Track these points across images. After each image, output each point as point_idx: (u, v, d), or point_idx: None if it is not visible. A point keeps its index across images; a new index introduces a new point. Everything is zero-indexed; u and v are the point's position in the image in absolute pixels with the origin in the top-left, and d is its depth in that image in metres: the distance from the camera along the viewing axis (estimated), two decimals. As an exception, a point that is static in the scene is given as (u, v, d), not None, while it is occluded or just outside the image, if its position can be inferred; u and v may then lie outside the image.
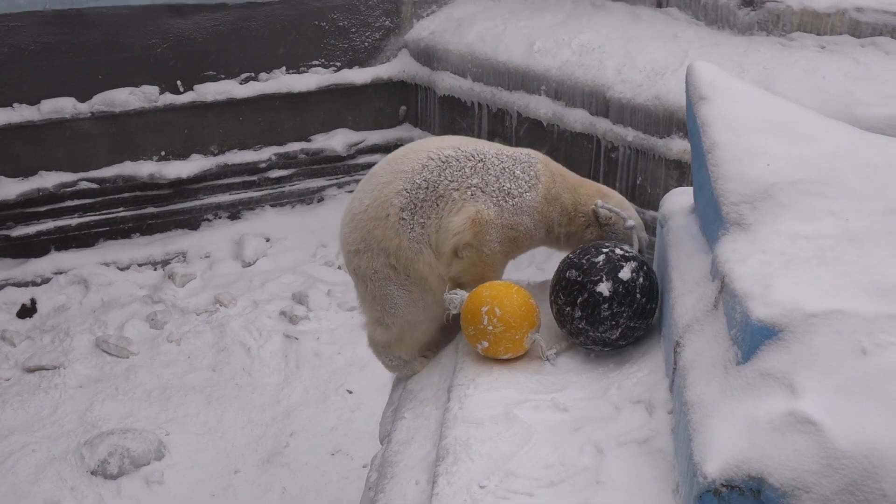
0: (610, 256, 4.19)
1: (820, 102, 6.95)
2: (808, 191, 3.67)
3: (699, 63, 4.31)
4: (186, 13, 9.20)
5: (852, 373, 2.98)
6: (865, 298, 3.14)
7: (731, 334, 3.36)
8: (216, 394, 7.43)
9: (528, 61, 9.06)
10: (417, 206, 4.51)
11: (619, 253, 4.21)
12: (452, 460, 3.78)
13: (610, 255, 4.20)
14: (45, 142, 8.93)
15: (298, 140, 10.12)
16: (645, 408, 3.90)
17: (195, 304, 8.59)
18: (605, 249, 4.24)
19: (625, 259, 4.19)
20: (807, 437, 2.88)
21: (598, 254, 4.21)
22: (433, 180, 4.52)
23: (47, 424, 7.03)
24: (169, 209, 9.64)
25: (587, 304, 4.18)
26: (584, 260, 4.21)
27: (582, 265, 4.21)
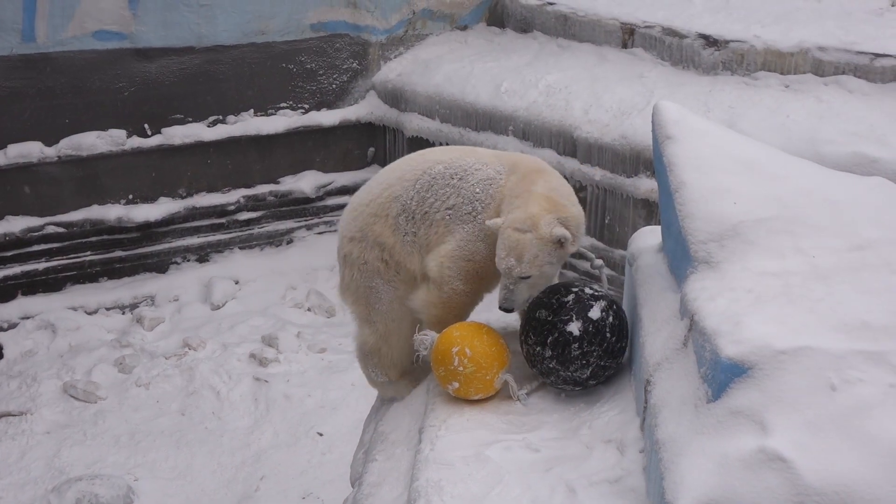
0: (580, 296, 4.19)
1: (784, 140, 7.01)
2: (774, 228, 3.69)
3: (665, 103, 4.34)
4: (153, 56, 9.19)
5: (822, 409, 3.00)
6: (833, 335, 3.16)
7: (700, 372, 3.37)
8: (185, 438, 7.37)
9: (496, 102, 9.10)
10: (409, 216, 4.55)
11: (589, 292, 4.21)
12: (424, 502, 3.76)
13: (580, 294, 4.19)
14: (12, 186, 8.88)
15: (267, 182, 10.11)
16: (616, 447, 3.89)
17: (164, 347, 8.54)
18: (575, 289, 4.23)
19: (594, 298, 4.18)
20: (777, 474, 2.89)
21: (568, 293, 4.20)
22: (421, 197, 4.53)
23: (14, 471, 6.96)
24: (137, 252, 9.59)
25: (557, 343, 4.17)
26: (554, 300, 4.21)
27: (552, 304, 4.20)
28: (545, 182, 4.34)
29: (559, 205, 4.26)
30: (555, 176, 4.45)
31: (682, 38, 8.63)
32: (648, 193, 7.86)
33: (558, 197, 4.30)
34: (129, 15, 9.00)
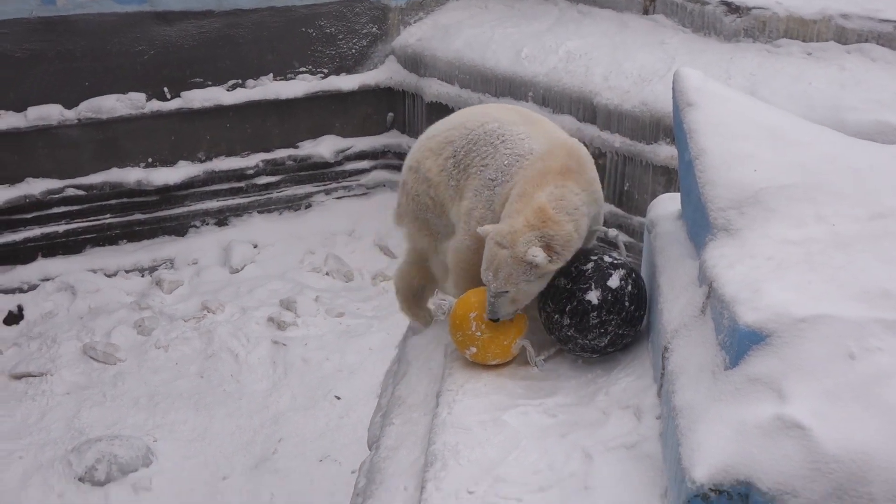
0: (599, 264, 4.18)
1: (806, 108, 6.96)
2: (795, 196, 3.67)
3: (686, 69, 4.32)
4: (173, 20, 9.17)
5: (840, 377, 2.99)
6: (853, 303, 3.15)
7: (718, 339, 3.37)
8: (204, 400, 7.41)
9: (516, 68, 9.06)
10: (456, 163, 4.55)
11: (608, 260, 4.20)
12: (441, 466, 3.77)
13: (599, 262, 4.19)
14: (32, 149, 8.90)
15: (286, 147, 10.10)
16: (633, 413, 3.90)
17: (183, 310, 8.57)
18: (594, 257, 4.22)
19: (613, 266, 4.18)
20: (795, 441, 2.88)
21: (587, 261, 4.19)
22: (469, 149, 4.52)
23: (34, 431, 7.01)
24: (156, 216, 9.61)
25: (576, 311, 4.17)
26: (573, 267, 4.20)
27: (570, 272, 4.19)
28: (553, 189, 4.16)
29: (550, 221, 4.09)
30: (574, 180, 4.25)
31: (703, 5, 8.56)
32: (668, 160, 7.83)
33: (554, 211, 4.12)
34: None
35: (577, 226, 4.17)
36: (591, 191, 4.29)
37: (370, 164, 10.51)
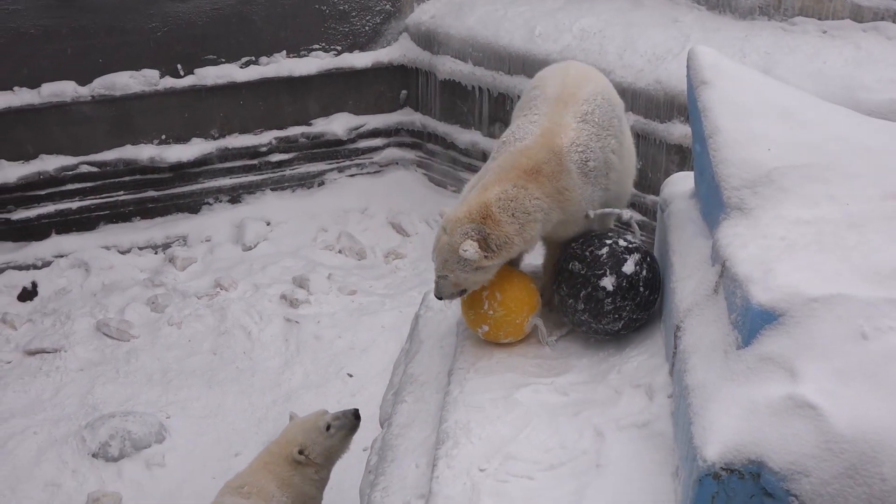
0: (614, 249, 4.18)
1: (821, 87, 6.94)
2: (809, 176, 3.67)
3: (701, 47, 4.31)
4: (187, -4, 9.20)
5: (852, 357, 2.99)
6: (865, 283, 3.15)
7: (731, 318, 3.37)
8: (217, 377, 7.44)
9: (529, 46, 9.04)
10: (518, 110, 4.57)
11: (623, 245, 4.20)
12: (453, 444, 3.79)
13: (614, 247, 4.19)
14: (46, 125, 8.92)
15: (299, 124, 10.10)
16: (645, 392, 3.91)
17: (196, 287, 8.60)
18: (609, 241, 4.22)
19: (628, 251, 4.18)
20: (807, 421, 2.89)
21: (602, 245, 4.19)
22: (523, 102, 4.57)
23: (48, 407, 7.05)
24: (169, 193, 9.63)
25: (590, 298, 4.17)
26: (588, 252, 4.19)
27: (585, 257, 4.19)
28: (510, 188, 4.11)
29: (490, 219, 4.06)
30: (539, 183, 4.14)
31: (718, -18, 8.53)
32: (682, 139, 7.81)
33: (499, 211, 4.07)
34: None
35: (522, 230, 4.11)
36: (558, 199, 4.17)
37: (383, 141, 10.51)
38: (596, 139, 4.29)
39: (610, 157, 4.36)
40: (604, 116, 4.36)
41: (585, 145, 4.24)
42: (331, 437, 4.86)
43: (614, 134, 4.40)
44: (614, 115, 4.44)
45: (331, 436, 4.86)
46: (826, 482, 2.84)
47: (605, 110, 4.38)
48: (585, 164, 4.23)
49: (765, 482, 2.89)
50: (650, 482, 3.40)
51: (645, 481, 3.41)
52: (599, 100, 4.37)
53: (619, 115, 4.51)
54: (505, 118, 9.49)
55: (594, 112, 4.32)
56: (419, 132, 10.44)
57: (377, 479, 4.02)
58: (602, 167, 4.33)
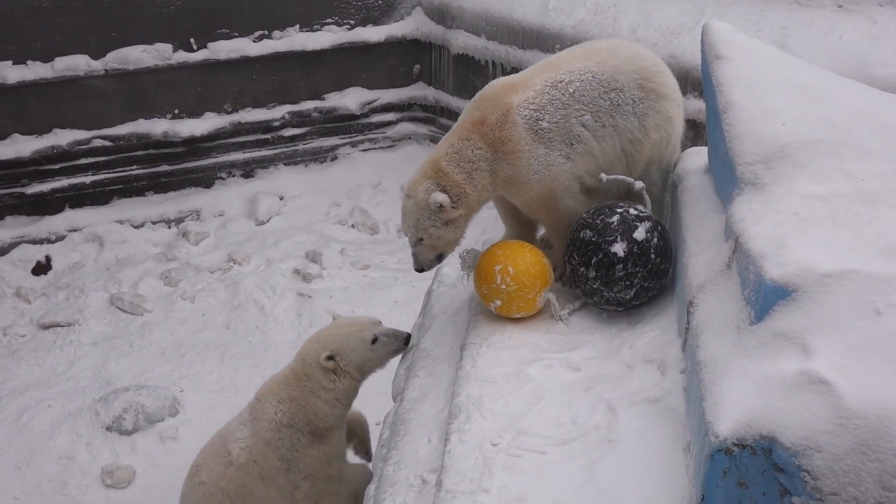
0: (624, 217, 4.19)
1: (836, 62, 6.90)
2: (823, 151, 3.66)
3: (715, 22, 4.29)
4: (200, -30, 9.18)
5: (865, 333, 2.99)
6: (879, 259, 3.14)
7: (744, 294, 3.37)
8: (230, 351, 7.47)
9: (543, 20, 9.01)
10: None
11: (634, 213, 4.21)
12: (465, 418, 3.80)
13: (624, 215, 4.20)
14: (59, 99, 8.93)
15: (312, 98, 10.10)
16: (657, 367, 3.91)
17: (209, 261, 8.62)
18: (620, 209, 4.23)
19: (639, 219, 4.18)
20: (819, 396, 2.89)
21: (613, 214, 4.20)
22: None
23: (62, 381, 7.08)
24: (183, 167, 9.65)
25: (602, 264, 4.18)
26: (599, 220, 4.21)
27: (596, 225, 4.20)
28: (455, 141, 4.37)
29: (443, 172, 4.33)
30: (481, 134, 4.37)
31: (734, -44, 8.47)
32: (695, 114, 7.77)
33: (447, 163, 4.34)
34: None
35: (471, 178, 4.35)
36: (502, 150, 4.35)
37: (396, 116, 10.50)
38: (560, 106, 4.38)
39: (577, 128, 4.41)
40: (584, 90, 4.41)
41: (540, 105, 4.36)
42: (373, 350, 4.58)
43: (593, 111, 4.42)
44: (604, 96, 4.45)
45: (373, 350, 4.58)
46: (838, 458, 2.85)
47: (589, 87, 4.43)
48: (536, 122, 4.34)
49: (776, 457, 2.90)
50: (662, 457, 3.41)
51: (656, 456, 3.42)
52: (587, 76, 4.42)
53: (619, 100, 4.48)
54: (518, 93, 9.46)
55: (571, 83, 4.41)
56: (432, 107, 10.43)
57: (389, 452, 4.03)
58: (561, 134, 4.39)
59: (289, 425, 4.55)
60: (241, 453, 4.63)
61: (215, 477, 4.68)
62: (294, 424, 4.54)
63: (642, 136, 4.60)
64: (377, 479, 3.97)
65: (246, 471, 4.62)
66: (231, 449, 4.68)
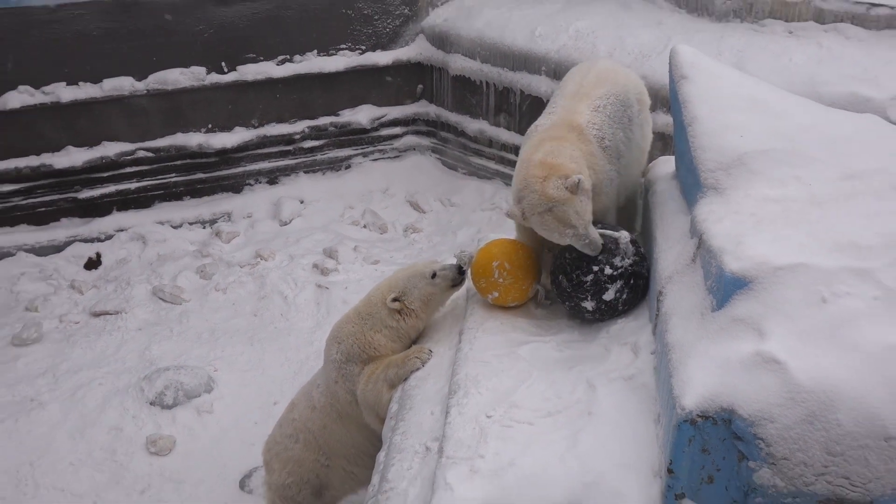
0: (598, 277, 4.10)
1: (787, 82, 6.90)
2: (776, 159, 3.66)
3: (681, 46, 4.29)
4: (230, 2, 9.14)
5: (813, 319, 2.99)
6: (826, 254, 3.14)
7: (707, 285, 3.37)
8: (257, 336, 7.47)
9: (531, 45, 9.00)
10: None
11: (608, 273, 4.10)
12: (463, 394, 3.80)
13: (599, 275, 4.10)
14: (107, 116, 8.93)
15: (328, 114, 10.08)
16: (631, 349, 3.92)
17: (239, 257, 8.61)
18: (596, 268, 4.11)
19: (612, 280, 4.10)
20: (772, 374, 2.89)
21: (588, 272, 4.11)
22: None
23: (111, 362, 7.08)
24: (215, 175, 9.64)
25: (573, 309, 4.24)
26: (575, 275, 4.15)
27: (572, 278, 4.16)
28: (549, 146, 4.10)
29: (553, 166, 3.98)
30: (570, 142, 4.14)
31: (697, -11, 8.47)
32: (664, 127, 7.76)
33: (553, 158, 4.01)
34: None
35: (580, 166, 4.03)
36: (588, 160, 4.12)
37: (402, 130, 10.49)
38: (608, 125, 4.26)
39: (619, 144, 4.33)
40: (614, 111, 4.32)
41: (599, 127, 4.22)
42: (433, 284, 4.42)
43: (622, 127, 4.35)
44: (625, 113, 4.38)
45: (434, 284, 4.42)
46: (789, 427, 2.85)
47: (616, 107, 4.33)
48: (602, 140, 4.21)
49: (735, 427, 2.90)
50: (635, 427, 3.41)
51: (630, 427, 3.42)
52: (612, 98, 4.33)
53: (631, 114, 4.42)
54: (508, 109, 9.47)
55: (605, 107, 4.29)
56: (433, 121, 10.42)
57: (397, 424, 4.04)
58: (614, 150, 4.29)
59: (347, 361, 4.54)
60: (319, 398, 4.71)
61: (303, 418, 4.79)
62: (351, 359, 4.52)
63: (643, 143, 4.60)
64: (387, 447, 3.98)
65: (326, 412, 4.68)
66: (314, 394, 4.77)
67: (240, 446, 6.25)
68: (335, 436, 4.70)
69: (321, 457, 4.77)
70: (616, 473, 3.24)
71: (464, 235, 8.94)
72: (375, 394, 4.38)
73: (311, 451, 4.78)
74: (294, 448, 4.83)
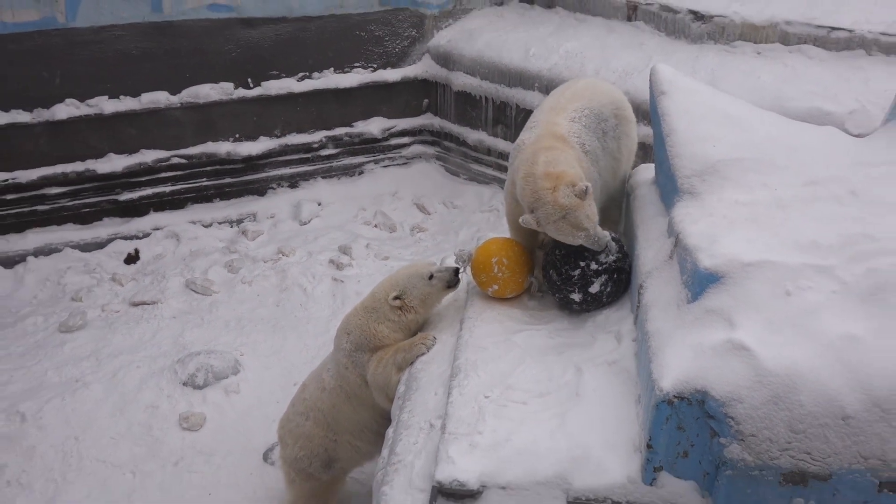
0: (585, 272, 4.10)
1: (756, 97, 6.89)
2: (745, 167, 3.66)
3: (660, 65, 4.29)
4: (255, 25, 9.14)
5: (778, 310, 2.99)
6: (790, 252, 3.15)
7: (682, 279, 3.37)
8: (279, 324, 7.47)
9: (525, 64, 9.00)
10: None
11: (594, 268, 4.10)
12: (464, 376, 3.80)
13: (585, 270, 4.10)
14: (145, 126, 8.93)
15: (343, 126, 10.07)
16: (615, 337, 3.92)
17: (262, 253, 8.61)
18: (583, 263, 4.11)
19: (597, 274, 4.10)
20: (741, 360, 2.90)
21: (576, 267, 4.11)
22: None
23: (148, 346, 7.08)
24: (242, 180, 9.63)
25: (562, 301, 4.24)
26: (564, 269, 4.15)
27: (561, 273, 4.16)
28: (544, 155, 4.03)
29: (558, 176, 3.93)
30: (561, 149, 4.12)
31: (675, 14, 8.45)
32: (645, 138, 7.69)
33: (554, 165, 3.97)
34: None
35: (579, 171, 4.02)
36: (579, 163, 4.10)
37: (409, 139, 10.47)
38: (585, 133, 4.24)
39: (597, 151, 4.32)
40: (589, 122, 4.29)
41: (578, 134, 4.20)
42: (431, 285, 4.41)
43: (597, 137, 4.32)
44: (599, 125, 4.34)
45: (431, 284, 4.41)
46: (756, 407, 2.86)
47: (591, 119, 4.31)
48: (583, 146, 4.19)
49: (708, 407, 2.91)
50: (618, 407, 3.42)
51: (614, 407, 3.43)
52: (586, 111, 4.31)
53: (606, 127, 4.38)
54: (505, 121, 9.47)
55: (581, 118, 4.27)
56: (438, 132, 10.41)
57: (404, 403, 4.04)
58: (593, 155, 4.26)
59: (356, 349, 4.54)
60: (329, 380, 4.72)
61: (314, 398, 4.80)
62: (360, 348, 4.52)
63: (619, 154, 4.57)
64: (395, 424, 3.98)
65: (335, 394, 4.69)
66: (324, 377, 4.78)
67: (263, 422, 6.25)
68: (343, 414, 4.71)
69: (330, 433, 4.79)
70: (601, 448, 3.25)
71: (464, 234, 8.94)
72: (385, 376, 4.39)
73: (320, 428, 4.79)
74: (305, 425, 4.84)
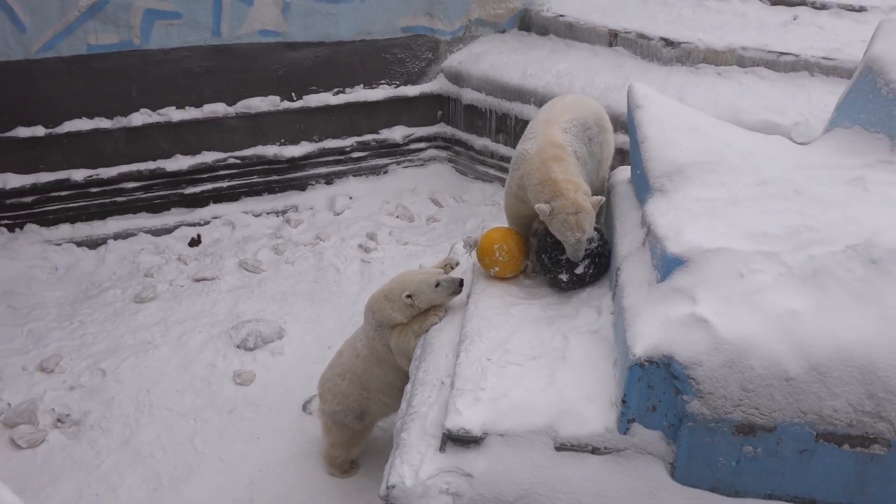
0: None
1: (716, 111, 6.87)
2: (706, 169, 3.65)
3: (636, 84, 4.28)
4: (298, 48, 9.12)
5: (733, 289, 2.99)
6: (743, 240, 3.14)
7: (653, 262, 3.37)
8: (316, 297, 7.48)
9: (523, 82, 8.97)
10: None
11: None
12: (469, 342, 3.81)
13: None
14: (206, 132, 8.94)
15: (371, 133, 10.05)
16: (596, 310, 3.92)
17: (303, 239, 8.62)
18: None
19: (582, 258, 4.07)
20: (702, 330, 2.89)
21: (564, 252, 4.08)
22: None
23: (208, 315, 7.12)
24: (286, 177, 9.63)
25: (551, 281, 4.22)
26: (553, 254, 4.15)
27: (552, 256, 4.16)
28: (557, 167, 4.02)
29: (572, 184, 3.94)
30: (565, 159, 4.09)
31: (649, 40, 8.41)
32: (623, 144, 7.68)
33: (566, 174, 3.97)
34: (282, 20, 8.92)
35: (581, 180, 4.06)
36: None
37: (426, 145, 10.45)
38: (575, 141, 4.24)
39: (585, 156, 4.32)
40: (578, 131, 4.31)
41: (570, 143, 4.20)
42: (437, 292, 4.38)
43: (584, 143, 4.33)
44: (585, 133, 4.34)
45: (437, 291, 4.38)
46: (714, 370, 2.85)
47: (579, 128, 4.31)
48: (575, 153, 4.19)
49: (673, 370, 2.91)
50: (598, 369, 3.42)
51: (595, 368, 3.43)
52: (574, 122, 4.31)
53: (591, 134, 4.37)
54: (506, 130, 9.44)
55: (571, 129, 4.28)
56: (450, 139, 10.39)
57: (420, 364, 4.06)
58: (582, 160, 4.26)
59: (379, 325, 4.63)
60: (362, 349, 4.79)
61: (349, 362, 4.88)
62: (382, 324, 4.60)
63: (601, 158, 4.57)
64: (412, 381, 3.99)
65: (368, 359, 4.76)
66: (358, 346, 4.85)
67: (303, 379, 6.28)
68: (374, 376, 4.75)
69: (363, 391, 4.83)
70: (583, 403, 3.25)
71: (471, 224, 8.93)
72: (405, 343, 4.43)
73: (354, 387, 4.84)
74: (342, 384, 4.89)
